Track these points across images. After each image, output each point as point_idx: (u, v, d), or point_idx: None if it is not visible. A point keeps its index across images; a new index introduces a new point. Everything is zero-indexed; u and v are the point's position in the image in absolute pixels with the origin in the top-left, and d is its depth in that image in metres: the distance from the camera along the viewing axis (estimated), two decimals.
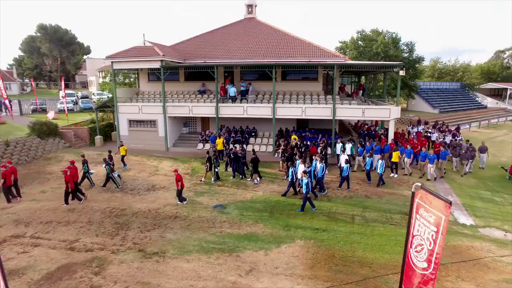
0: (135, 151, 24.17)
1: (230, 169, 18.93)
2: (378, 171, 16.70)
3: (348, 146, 19.56)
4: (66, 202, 14.57)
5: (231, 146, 21.32)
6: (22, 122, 28.57)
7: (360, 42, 44.29)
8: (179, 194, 14.65)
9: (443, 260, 9.69)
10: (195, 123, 27.81)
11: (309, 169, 14.86)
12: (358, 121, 28.79)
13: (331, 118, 21.62)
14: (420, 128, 28.06)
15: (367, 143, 19.65)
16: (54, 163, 20.88)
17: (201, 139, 24.59)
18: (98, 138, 26.32)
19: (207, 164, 17.47)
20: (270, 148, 22.90)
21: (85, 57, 79.36)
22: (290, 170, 15.34)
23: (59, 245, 11.06)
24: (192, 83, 26.51)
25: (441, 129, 27.61)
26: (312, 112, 22.00)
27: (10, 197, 15.08)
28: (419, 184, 5.68)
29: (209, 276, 9.23)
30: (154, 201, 14.90)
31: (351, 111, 21.84)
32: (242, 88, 24.30)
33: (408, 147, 18.75)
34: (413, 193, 5.69)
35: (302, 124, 25.20)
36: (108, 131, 28.30)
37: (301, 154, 17.67)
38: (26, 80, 76.05)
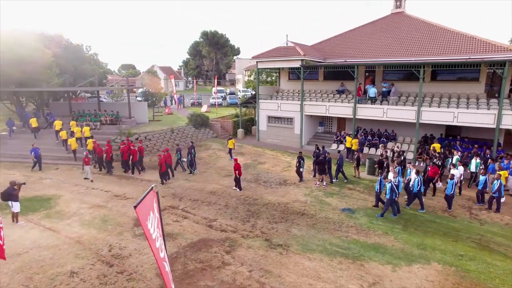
0: (271, 146, 25.81)
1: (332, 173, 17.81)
2: (492, 192, 13.48)
3: (473, 161, 16.12)
4: (162, 182, 17.02)
5: (365, 149, 20.30)
6: (183, 113, 34.33)
7: None
8: (236, 180, 16.18)
9: None
10: (331, 123, 27.60)
11: (395, 179, 12.99)
12: None
13: (493, 126, 18.01)
14: None
15: (506, 161, 15.80)
16: (203, 150, 24.17)
17: (335, 139, 24.24)
18: (240, 131, 29.15)
19: (297, 164, 17.56)
20: (410, 155, 20.66)
21: (234, 57, 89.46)
22: (378, 179, 14.08)
23: (201, 221, 12.83)
24: (331, 82, 26.35)
25: None
26: (466, 118, 18.77)
27: (138, 170, 18.67)
28: None
29: (329, 279, 9.07)
30: (284, 196, 15.55)
31: None
32: (383, 89, 22.67)
33: None
34: None
35: (452, 131, 21.86)
36: (249, 125, 31.06)
37: (400, 163, 16.21)
38: (190, 78, 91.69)
